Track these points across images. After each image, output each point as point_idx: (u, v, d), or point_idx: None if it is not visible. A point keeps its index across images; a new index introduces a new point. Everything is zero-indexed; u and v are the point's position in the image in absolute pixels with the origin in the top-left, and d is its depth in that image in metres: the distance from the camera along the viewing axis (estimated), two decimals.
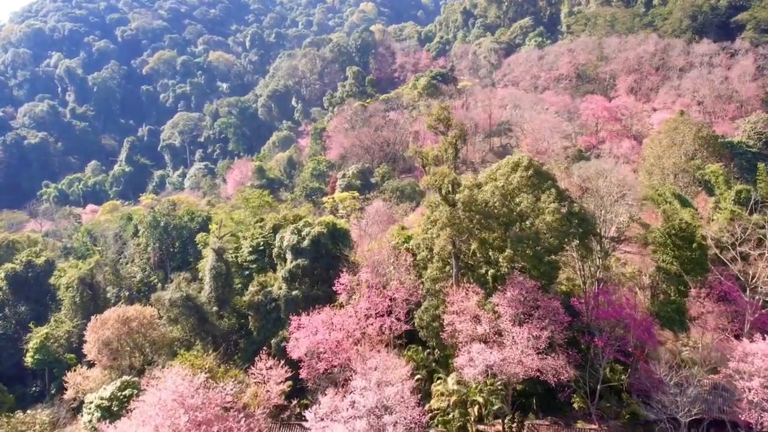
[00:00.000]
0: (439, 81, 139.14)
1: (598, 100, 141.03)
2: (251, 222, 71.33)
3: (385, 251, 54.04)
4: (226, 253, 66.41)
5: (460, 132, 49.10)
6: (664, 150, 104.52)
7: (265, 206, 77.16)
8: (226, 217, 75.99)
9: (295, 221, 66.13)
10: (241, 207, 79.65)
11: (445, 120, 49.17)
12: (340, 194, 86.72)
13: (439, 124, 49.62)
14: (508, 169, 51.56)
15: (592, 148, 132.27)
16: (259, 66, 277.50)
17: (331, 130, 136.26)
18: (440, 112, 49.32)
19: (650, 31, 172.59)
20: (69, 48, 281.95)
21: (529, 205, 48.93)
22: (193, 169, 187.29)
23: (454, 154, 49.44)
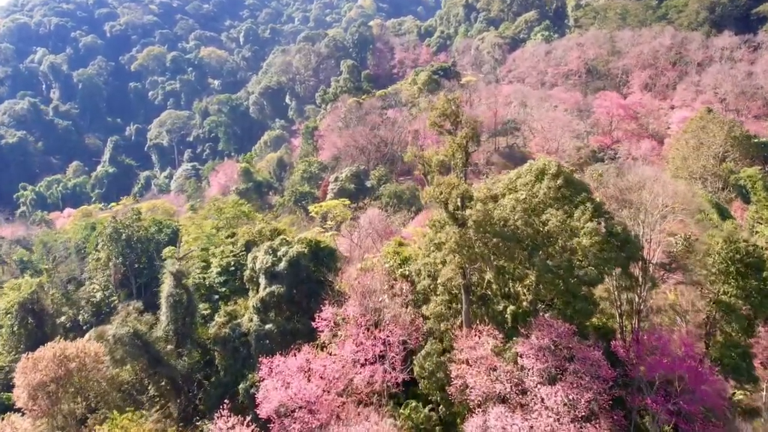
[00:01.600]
0: (441, 76, 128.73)
1: (613, 97, 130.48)
2: (223, 236, 60.88)
3: (377, 277, 43.56)
4: (190, 275, 55.89)
5: (472, 131, 38.70)
6: (691, 151, 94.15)
7: (242, 217, 66.68)
8: (195, 229, 65.58)
9: (272, 237, 55.70)
10: (214, 217, 69.07)
11: (452, 116, 38.79)
12: (328, 202, 76.34)
13: (445, 120, 39.23)
14: (531, 178, 41.11)
15: (606, 149, 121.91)
16: (252, 62, 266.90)
17: (323, 129, 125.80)
18: (446, 106, 38.90)
19: (665, 24, 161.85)
20: (55, 43, 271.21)
21: (558, 224, 38.52)
22: (180, 170, 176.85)
23: (464, 160, 39.00)
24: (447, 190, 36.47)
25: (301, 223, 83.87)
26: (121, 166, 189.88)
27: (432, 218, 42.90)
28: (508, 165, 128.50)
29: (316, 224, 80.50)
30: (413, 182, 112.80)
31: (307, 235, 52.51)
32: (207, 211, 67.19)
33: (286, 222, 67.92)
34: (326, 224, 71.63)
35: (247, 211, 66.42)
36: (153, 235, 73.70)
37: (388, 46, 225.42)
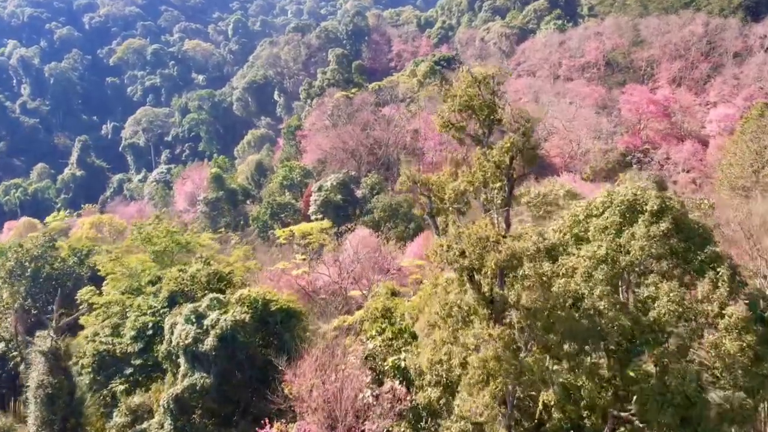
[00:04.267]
0: (444, 67, 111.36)
1: (642, 92, 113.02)
2: (147, 279, 43.68)
3: (349, 384, 26.20)
4: (96, 341, 38.45)
5: (524, 138, 21.64)
6: (755, 157, 76.79)
7: (179, 248, 49.47)
8: (113, 266, 48.36)
9: (209, 285, 38.27)
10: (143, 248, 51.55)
11: (484, 109, 21.77)
12: (301, 226, 59.12)
13: (470, 118, 22.20)
14: (615, 219, 23.63)
15: (634, 151, 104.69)
16: (240, 56, 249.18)
17: (307, 128, 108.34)
18: (472, 93, 21.96)
19: (692, 11, 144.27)
20: (29, 36, 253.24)
21: (673, 306, 21.03)
22: (154, 174, 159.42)
23: (506, 192, 21.85)
24: (476, 252, 19.36)
25: (270, 250, 66.89)
26: (91, 169, 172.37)
27: (442, 277, 25.47)
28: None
29: (292, 249, 63.04)
30: (412, 192, 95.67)
31: (252, 292, 34.98)
32: (131, 240, 50.27)
33: (245, 252, 50.76)
34: (297, 257, 54.20)
35: (185, 241, 49.35)
36: (72, 268, 56.37)
37: (385, 37, 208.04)
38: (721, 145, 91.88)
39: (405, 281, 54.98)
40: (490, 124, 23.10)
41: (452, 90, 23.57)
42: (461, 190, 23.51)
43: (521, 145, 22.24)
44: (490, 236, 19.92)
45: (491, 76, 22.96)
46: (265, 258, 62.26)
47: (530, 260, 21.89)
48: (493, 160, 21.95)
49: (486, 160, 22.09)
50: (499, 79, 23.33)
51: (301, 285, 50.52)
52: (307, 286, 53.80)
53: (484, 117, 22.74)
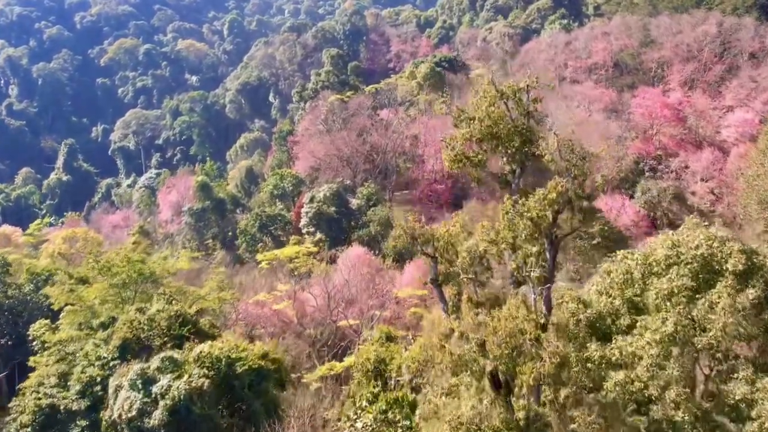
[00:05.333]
0: (446, 68, 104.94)
1: (654, 95, 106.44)
2: (99, 321, 37.25)
3: None
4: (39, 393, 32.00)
5: (578, 181, 15.25)
6: None
7: (142, 279, 42.92)
8: (67, 297, 41.88)
9: (170, 329, 31.87)
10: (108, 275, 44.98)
11: (514, 137, 15.28)
12: (285, 250, 52.64)
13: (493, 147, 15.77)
14: (685, 281, 17.13)
15: (646, 157, 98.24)
16: (235, 56, 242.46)
17: (300, 133, 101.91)
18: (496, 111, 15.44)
19: (704, 10, 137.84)
20: (18, 35, 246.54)
21: None
22: (143, 179, 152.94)
23: (549, 258, 15.48)
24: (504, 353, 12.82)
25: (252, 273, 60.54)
26: (78, 174, 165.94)
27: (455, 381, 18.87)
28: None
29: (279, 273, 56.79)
30: (412, 205, 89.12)
31: (217, 347, 28.54)
32: (87, 270, 43.81)
33: (218, 282, 44.24)
34: (280, 287, 47.69)
35: (150, 272, 42.80)
36: (29, 296, 49.90)
37: (384, 37, 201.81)
38: (743, 154, 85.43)
39: (403, 312, 48.57)
40: (523, 160, 16.92)
41: (468, 110, 17.28)
42: (479, 252, 17.30)
43: (572, 195, 16.01)
44: (527, 331, 13.71)
45: (524, 89, 16.65)
46: (248, 281, 55.88)
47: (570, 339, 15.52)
48: (530, 216, 15.77)
49: (519, 215, 15.88)
50: (538, 93, 17.01)
51: (284, 320, 44.22)
52: (291, 319, 47.44)
53: (515, 149, 16.55)
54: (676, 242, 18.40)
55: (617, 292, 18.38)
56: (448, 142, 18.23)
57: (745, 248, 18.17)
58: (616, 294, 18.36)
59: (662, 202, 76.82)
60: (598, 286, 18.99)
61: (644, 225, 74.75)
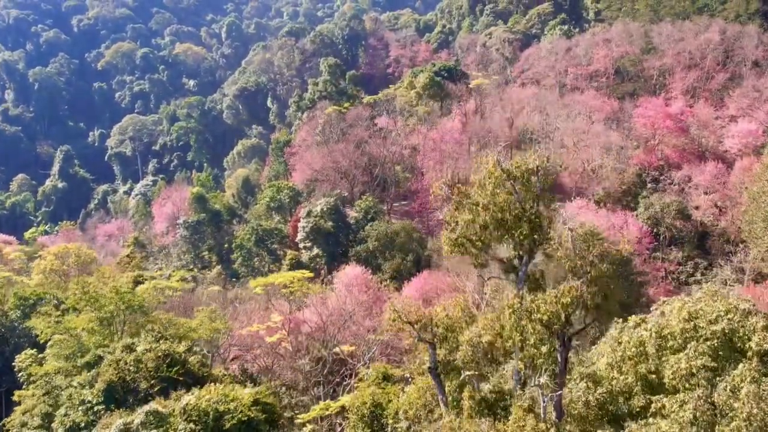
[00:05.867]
0: (445, 77, 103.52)
1: (657, 105, 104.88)
2: (85, 360, 35.75)
3: None
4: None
5: (594, 281, 13.71)
6: None
7: (131, 311, 41.35)
8: (53, 329, 40.30)
9: (157, 371, 30.59)
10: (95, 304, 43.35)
11: (523, 225, 13.70)
12: (281, 275, 51.18)
13: (500, 236, 14.20)
14: (704, 361, 15.69)
15: (649, 168, 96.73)
16: (233, 60, 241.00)
17: (297, 144, 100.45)
18: (503, 199, 13.96)
19: (707, 17, 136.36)
20: (15, 39, 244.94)
21: None
22: (139, 186, 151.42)
23: (561, 360, 13.29)
24: None
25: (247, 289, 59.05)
26: (74, 180, 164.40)
27: None
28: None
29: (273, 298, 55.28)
30: (410, 218, 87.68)
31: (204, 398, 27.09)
32: (74, 299, 42.18)
33: (209, 313, 42.53)
34: (273, 318, 46.14)
35: (139, 303, 41.15)
36: (16, 323, 48.39)
37: (383, 42, 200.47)
38: (746, 167, 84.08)
39: (401, 343, 47.00)
40: (532, 247, 15.48)
41: (472, 194, 15.81)
42: (483, 344, 15.81)
43: (588, 298, 14.58)
44: None
45: (534, 171, 15.17)
46: (244, 296, 54.45)
47: None
48: (540, 317, 14.33)
49: (527, 315, 14.43)
50: (548, 174, 15.54)
51: (278, 352, 42.85)
52: (286, 349, 46.03)
53: (524, 237, 15.12)
54: (693, 313, 16.93)
55: (630, 367, 16.97)
56: (449, 229, 16.72)
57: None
58: (629, 369, 16.94)
59: (666, 218, 75.34)
60: (609, 358, 17.58)
61: (647, 242, 73.36)
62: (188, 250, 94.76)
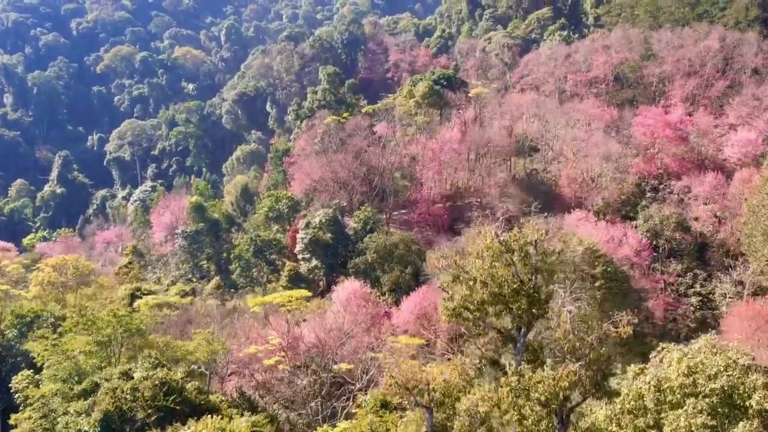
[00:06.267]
0: (444, 86, 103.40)
1: (656, 114, 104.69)
2: (81, 388, 35.54)
3: None
4: None
5: (593, 365, 13.51)
6: None
7: (128, 334, 41.09)
8: (50, 352, 40.14)
9: (154, 400, 30.83)
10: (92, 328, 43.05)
11: (521, 298, 13.42)
12: (278, 296, 51.01)
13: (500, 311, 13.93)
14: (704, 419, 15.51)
15: (648, 177, 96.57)
16: (232, 64, 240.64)
17: (296, 153, 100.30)
18: (501, 273, 13.71)
19: (705, 23, 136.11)
20: (14, 42, 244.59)
21: None
22: (138, 192, 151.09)
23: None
24: None
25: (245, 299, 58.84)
26: (73, 186, 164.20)
27: None
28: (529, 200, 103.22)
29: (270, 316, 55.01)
30: (409, 228, 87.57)
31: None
32: (71, 323, 41.90)
33: (206, 336, 42.24)
34: (271, 339, 45.94)
35: (136, 327, 40.92)
36: (14, 342, 48.21)
37: (382, 46, 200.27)
38: (746, 178, 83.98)
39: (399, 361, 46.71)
40: (531, 320, 15.34)
41: (469, 267, 15.66)
42: (481, 413, 15.66)
43: (587, 381, 14.44)
44: None
45: (533, 243, 15.00)
46: (240, 323, 54.21)
47: None
48: (538, 397, 14.14)
49: (524, 394, 14.23)
50: (547, 245, 15.33)
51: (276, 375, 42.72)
52: (284, 368, 45.88)
53: (522, 311, 14.95)
54: (692, 368, 16.76)
55: (629, 421, 16.81)
56: (447, 299, 16.59)
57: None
58: (628, 423, 16.79)
59: (665, 231, 75.21)
60: (608, 410, 17.42)
61: (646, 255, 73.21)
62: (186, 260, 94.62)
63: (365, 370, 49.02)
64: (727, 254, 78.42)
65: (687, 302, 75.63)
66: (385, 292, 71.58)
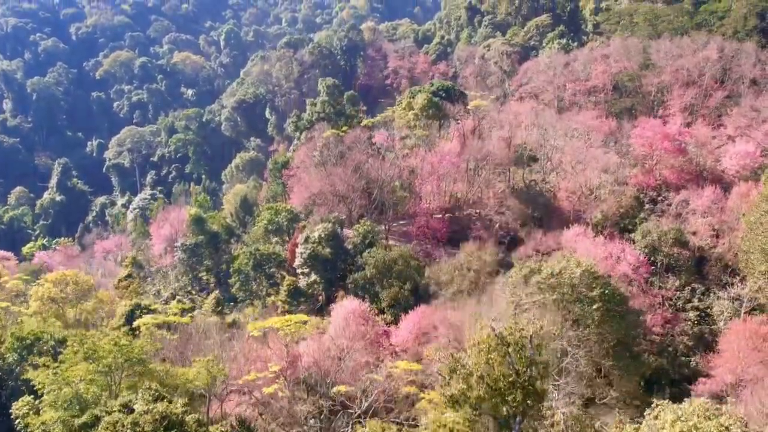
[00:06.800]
0: (443, 98, 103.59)
1: (655, 126, 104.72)
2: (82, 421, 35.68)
3: None
4: None
5: None
6: None
7: (129, 364, 41.14)
8: (51, 379, 40.27)
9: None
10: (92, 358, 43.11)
11: (516, 391, 13.71)
12: (277, 320, 51.05)
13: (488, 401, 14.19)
14: None
15: (647, 189, 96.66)
16: (231, 69, 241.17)
17: (295, 165, 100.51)
18: (498, 371, 14.02)
19: (704, 33, 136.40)
20: (13, 47, 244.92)
21: None
22: (137, 200, 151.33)
23: None
24: None
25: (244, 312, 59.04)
26: (72, 193, 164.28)
27: None
28: (527, 212, 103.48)
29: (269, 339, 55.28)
30: (408, 240, 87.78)
31: None
32: (72, 352, 41.96)
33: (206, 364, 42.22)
34: (271, 367, 46.06)
35: (138, 356, 40.96)
36: (14, 366, 48.34)
37: (381, 53, 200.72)
38: (744, 193, 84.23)
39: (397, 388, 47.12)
40: (526, 410, 15.57)
41: (465, 361, 15.84)
42: None
43: None
44: None
45: (529, 338, 15.19)
46: (240, 344, 54.38)
47: None
48: None
49: None
50: (543, 338, 15.53)
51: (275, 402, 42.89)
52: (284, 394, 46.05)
53: (518, 403, 15.18)
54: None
55: None
56: (443, 390, 16.81)
57: None
58: None
59: (663, 247, 75.44)
60: None
61: (644, 270, 73.39)
62: (186, 273, 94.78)
63: (365, 392, 49.17)
64: (726, 268, 78.56)
65: (685, 317, 75.78)
66: (384, 308, 71.87)
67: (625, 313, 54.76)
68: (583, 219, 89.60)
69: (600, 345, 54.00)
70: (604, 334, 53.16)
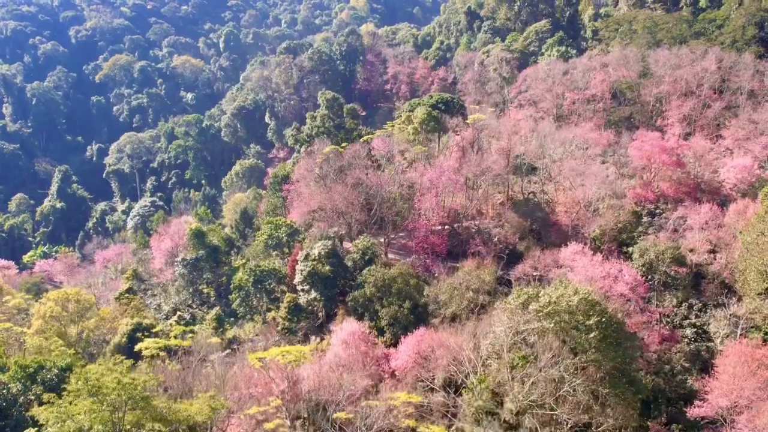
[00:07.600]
0: (443, 110, 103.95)
1: (653, 139, 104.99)
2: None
3: None
4: None
5: None
6: None
7: (133, 403, 41.37)
8: (56, 419, 40.76)
9: None
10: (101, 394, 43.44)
11: None
12: (277, 351, 51.46)
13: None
14: None
15: (645, 202, 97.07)
16: (231, 72, 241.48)
17: (295, 179, 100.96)
18: None
19: (703, 42, 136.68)
20: (12, 51, 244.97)
21: None
22: (137, 207, 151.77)
23: None
24: None
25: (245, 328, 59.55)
26: (72, 200, 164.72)
27: None
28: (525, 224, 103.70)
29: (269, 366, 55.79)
30: (407, 254, 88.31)
31: None
32: (74, 389, 42.36)
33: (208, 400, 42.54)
34: (272, 401, 46.53)
35: (141, 395, 41.27)
36: (17, 396, 48.85)
37: (381, 58, 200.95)
38: (741, 210, 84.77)
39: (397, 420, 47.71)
40: None
41: None
42: None
43: None
44: None
45: None
46: (241, 371, 54.94)
47: None
48: None
49: None
50: None
51: None
52: None
53: None
54: None
55: None
56: None
57: None
58: None
59: (660, 266, 75.98)
60: None
61: (641, 290, 73.88)
62: (186, 287, 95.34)
63: (365, 418, 49.76)
64: (723, 285, 79.06)
65: (682, 333, 76.29)
66: (383, 327, 72.40)
67: (622, 340, 55.31)
68: (582, 233, 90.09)
69: (597, 371, 54.63)
70: (601, 360, 53.75)
